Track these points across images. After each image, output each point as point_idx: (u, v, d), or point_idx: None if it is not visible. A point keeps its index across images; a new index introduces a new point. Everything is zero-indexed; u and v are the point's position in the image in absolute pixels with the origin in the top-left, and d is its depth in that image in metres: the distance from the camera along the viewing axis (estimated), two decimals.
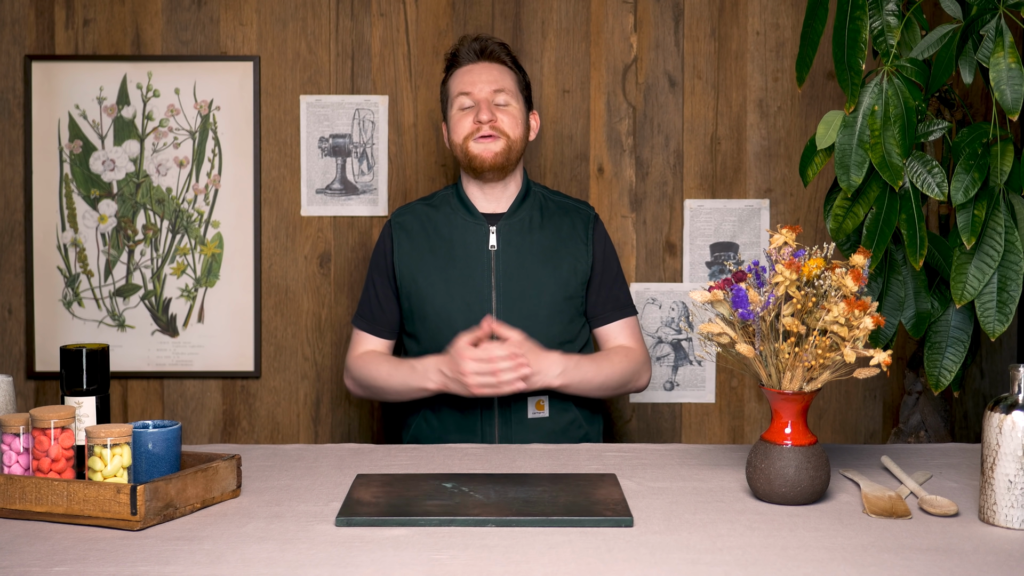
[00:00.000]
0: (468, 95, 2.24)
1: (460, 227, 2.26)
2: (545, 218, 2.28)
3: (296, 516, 1.54)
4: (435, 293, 2.21)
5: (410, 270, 2.25)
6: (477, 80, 2.24)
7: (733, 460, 1.87)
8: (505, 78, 2.26)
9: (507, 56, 2.29)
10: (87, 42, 2.72)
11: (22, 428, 1.59)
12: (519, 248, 2.24)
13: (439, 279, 2.22)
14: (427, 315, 2.22)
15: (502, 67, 2.27)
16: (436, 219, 2.28)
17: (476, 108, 2.23)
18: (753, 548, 1.41)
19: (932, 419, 2.42)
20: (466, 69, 2.27)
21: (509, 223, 2.26)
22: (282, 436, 2.79)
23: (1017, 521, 1.49)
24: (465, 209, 2.27)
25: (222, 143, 2.74)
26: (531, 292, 2.21)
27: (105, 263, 2.74)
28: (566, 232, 2.28)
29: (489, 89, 2.23)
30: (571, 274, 2.25)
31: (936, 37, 1.90)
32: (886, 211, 1.92)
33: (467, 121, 2.23)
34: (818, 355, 1.54)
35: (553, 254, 2.25)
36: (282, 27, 2.74)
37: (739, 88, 2.76)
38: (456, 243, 2.24)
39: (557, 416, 2.21)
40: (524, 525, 1.49)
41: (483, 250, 2.23)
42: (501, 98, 2.24)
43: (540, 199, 2.31)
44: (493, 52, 2.27)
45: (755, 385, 2.79)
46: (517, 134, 2.24)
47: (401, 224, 2.30)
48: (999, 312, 1.85)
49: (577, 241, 2.27)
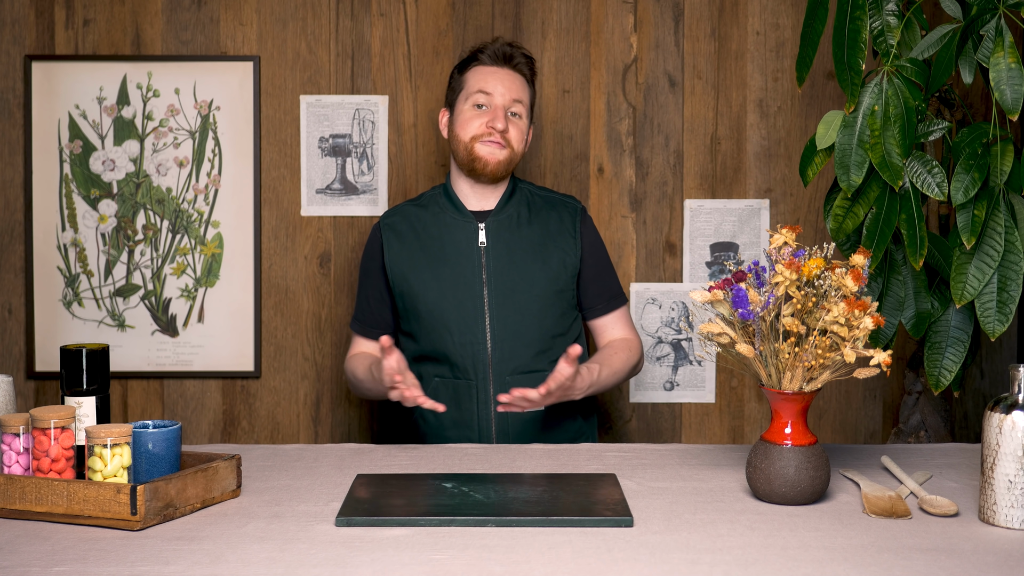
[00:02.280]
0: (488, 96, 2.24)
1: (449, 225, 2.27)
2: (533, 213, 2.30)
3: (296, 516, 1.54)
4: (427, 291, 2.23)
5: (402, 270, 2.26)
6: (500, 85, 2.25)
7: (733, 460, 1.87)
8: (524, 91, 2.29)
9: (529, 72, 2.32)
10: (87, 42, 2.72)
11: (22, 428, 1.59)
12: (508, 244, 2.25)
13: (431, 277, 2.24)
14: (420, 314, 2.24)
15: (524, 81, 2.30)
16: (425, 219, 2.30)
17: (492, 113, 2.23)
18: (753, 548, 1.41)
19: (932, 419, 2.42)
20: (491, 70, 2.26)
21: (497, 219, 2.27)
22: (282, 436, 2.79)
23: (1017, 521, 1.49)
24: (454, 207, 2.29)
25: (222, 143, 2.74)
26: (522, 287, 2.23)
27: (105, 263, 2.74)
28: (554, 226, 2.29)
29: (509, 97, 2.24)
30: (561, 268, 2.26)
31: (936, 37, 1.90)
32: (886, 211, 1.92)
33: (478, 122, 2.23)
34: (818, 355, 1.54)
35: (542, 249, 2.26)
36: (282, 27, 2.74)
37: (739, 88, 2.76)
38: (446, 241, 2.26)
39: (554, 411, 2.22)
40: (524, 525, 1.49)
41: (473, 247, 2.24)
42: (516, 108, 2.26)
43: (527, 195, 2.33)
44: (518, 63, 2.29)
45: (755, 385, 2.79)
46: (520, 148, 2.27)
47: (390, 226, 2.31)
48: (999, 312, 1.85)
49: (565, 235, 2.29)
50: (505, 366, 2.20)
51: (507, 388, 2.13)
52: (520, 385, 2.13)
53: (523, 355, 2.20)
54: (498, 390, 2.17)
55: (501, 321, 2.20)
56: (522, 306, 2.22)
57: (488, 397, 2.19)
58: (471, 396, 2.20)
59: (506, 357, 2.20)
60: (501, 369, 2.20)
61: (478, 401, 2.20)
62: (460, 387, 2.21)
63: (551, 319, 2.25)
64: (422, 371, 2.24)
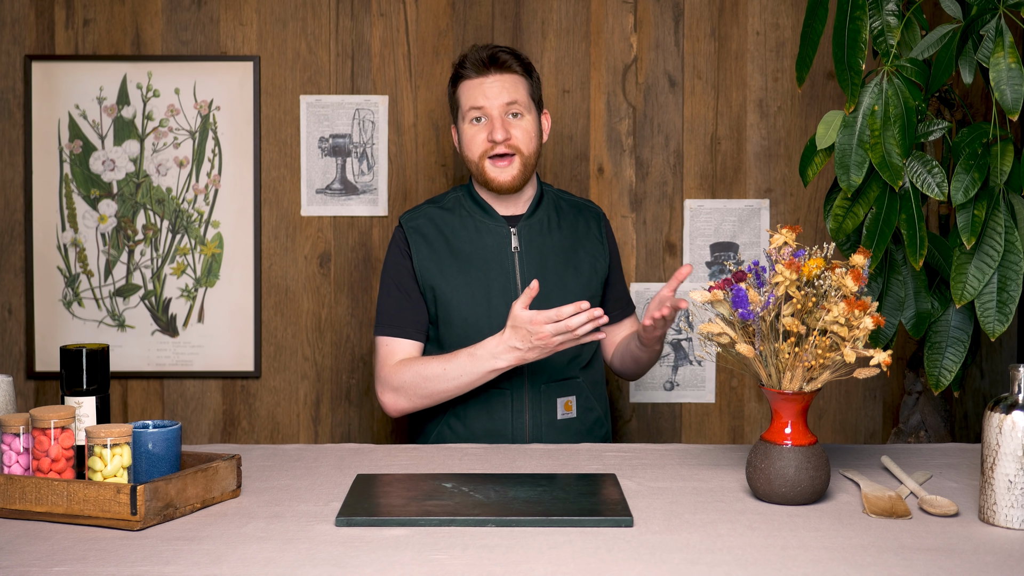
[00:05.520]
0: (480, 109, 2.16)
1: (479, 230, 2.20)
2: (561, 218, 2.26)
3: (296, 516, 1.54)
4: (459, 298, 2.15)
5: (432, 276, 2.18)
6: (489, 94, 2.16)
7: (733, 460, 1.87)
8: (518, 89, 2.18)
9: (517, 64, 2.19)
10: (87, 42, 2.72)
11: (22, 428, 1.59)
12: (540, 249, 2.20)
13: (462, 283, 2.16)
14: (452, 320, 2.16)
15: (514, 77, 2.19)
16: (452, 222, 2.22)
17: (489, 124, 2.16)
18: (753, 548, 1.41)
19: (932, 419, 2.42)
20: (477, 82, 2.17)
21: (529, 224, 2.22)
22: (282, 436, 2.79)
23: (1017, 521, 1.49)
24: (482, 211, 2.22)
25: (222, 143, 2.74)
26: (555, 293, 2.15)
27: (105, 263, 2.74)
28: (582, 231, 2.26)
29: (502, 102, 2.15)
30: (592, 273, 2.24)
31: (936, 37, 1.90)
32: (886, 211, 1.92)
33: (480, 138, 2.16)
34: (818, 355, 1.54)
35: (573, 254, 2.23)
36: (282, 27, 2.74)
37: (739, 88, 2.76)
38: (477, 246, 2.19)
39: (583, 416, 2.20)
40: (524, 525, 1.49)
41: (506, 252, 2.19)
42: (514, 109, 2.17)
43: (553, 199, 2.29)
44: (504, 62, 2.18)
45: (755, 385, 2.79)
46: (532, 148, 2.18)
47: (416, 228, 2.22)
48: (999, 312, 1.85)
49: (593, 240, 2.27)
50: (540, 375, 2.14)
51: (541, 397, 2.13)
52: (553, 393, 2.13)
53: (557, 362, 2.14)
54: (532, 399, 2.14)
55: None
56: None
57: (523, 406, 2.14)
58: (505, 405, 2.14)
59: (540, 365, 2.13)
60: (536, 378, 2.14)
61: (512, 410, 2.14)
62: (493, 396, 2.13)
63: None
64: None
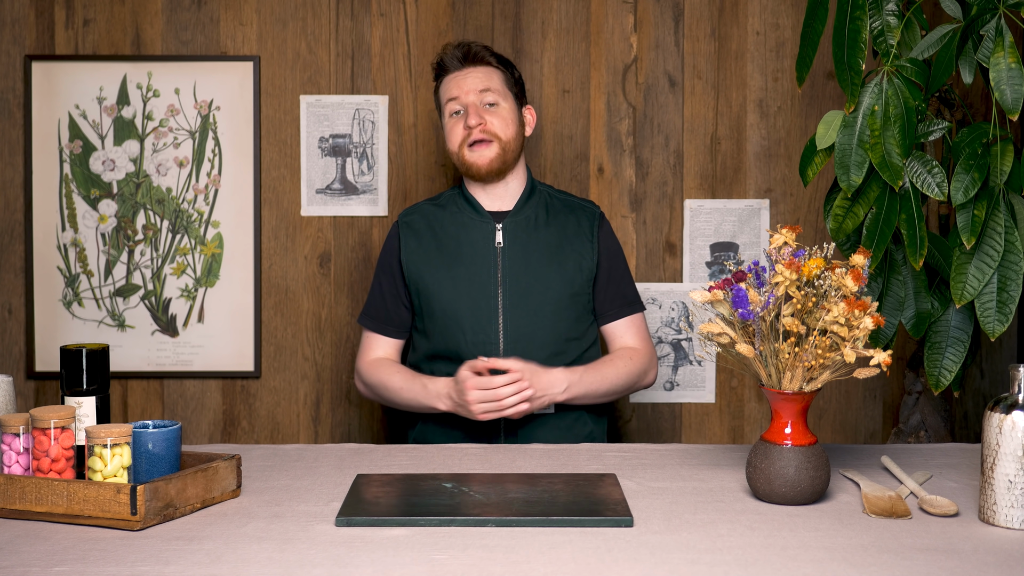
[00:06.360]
0: (456, 100, 2.26)
1: (466, 225, 2.27)
2: (551, 216, 2.30)
3: (296, 516, 1.54)
4: (442, 290, 2.23)
5: (417, 268, 2.26)
6: (463, 84, 2.26)
7: (733, 460, 1.87)
8: (491, 78, 2.27)
9: (491, 56, 2.30)
10: (87, 42, 2.72)
11: (22, 428, 1.59)
12: (525, 245, 2.25)
13: (446, 276, 2.24)
14: (435, 312, 2.24)
15: (487, 68, 2.28)
16: (443, 218, 2.30)
17: (465, 113, 2.25)
18: (753, 548, 1.41)
19: (932, 419, 2.42)
20: (453, 76, 2.28)
21: (515, 220, 2.27)
22: (282, 436, 2.79)
23: (1017, 521, 1.49)
24: (471, 207, 2.29)
25: (222, 143, 2.74)
26: (537, 289, 2.22)
27: (105, 263, 2.74)
28: (571, 230, 2.29)
29: (476, 91, 2.25)
30: (576, 271, 2.26)
31: (936, 37, 1.90)
32: (886, 211, 1.92)
33: (458, 128, 2.26)
34: (818, 355, 1.54)
35: (558, 251, 2.26)
36: (282, 27, 2.74)
37: (739, 88, 2.76)
38: (463, 241, 2.26)
39: (562, 412, 2.21)
40: (524, 525, 1.49)
41: (489, 247, 2.24)
42: (489, 97, 2.25)
43: (545, 197, 2.33)
44: (477, 55, 2.28)
45: (755, 385, 2.79)
46: (509, 134, 2.25)
47: (408, 224, 2.32)
48: (999, 312, 1.85)
49: (583, 239, 2.28)
50: None
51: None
52: None
53: (536, 357, 2.18)
54: None
55: (514, 322, 2.20)
56: (536, 308, 2.21)
57: None
58: None
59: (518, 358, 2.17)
60: None
61: None
62: None
63: (565, 322, 2.24)
64: (434, 369, 2.24)
